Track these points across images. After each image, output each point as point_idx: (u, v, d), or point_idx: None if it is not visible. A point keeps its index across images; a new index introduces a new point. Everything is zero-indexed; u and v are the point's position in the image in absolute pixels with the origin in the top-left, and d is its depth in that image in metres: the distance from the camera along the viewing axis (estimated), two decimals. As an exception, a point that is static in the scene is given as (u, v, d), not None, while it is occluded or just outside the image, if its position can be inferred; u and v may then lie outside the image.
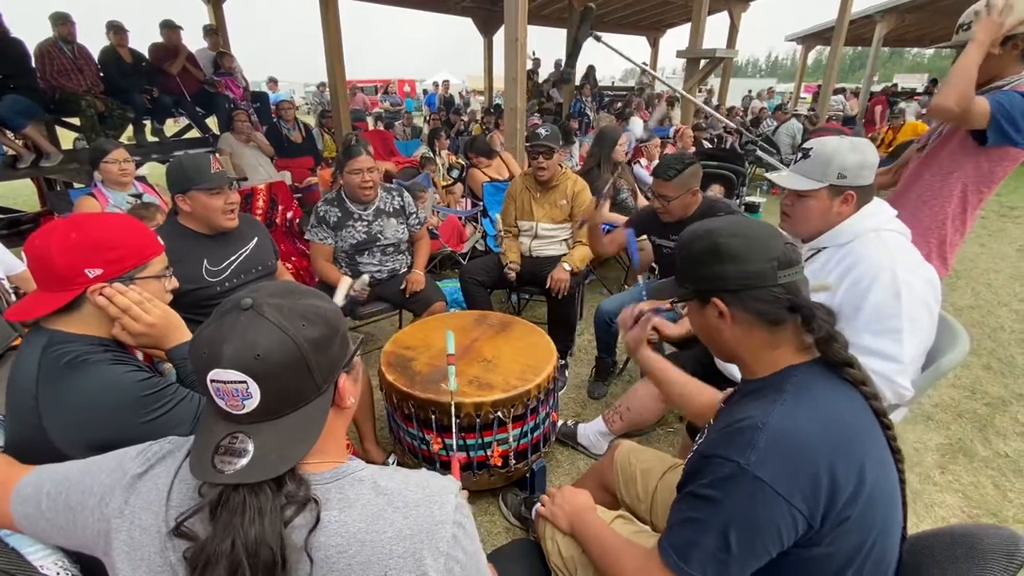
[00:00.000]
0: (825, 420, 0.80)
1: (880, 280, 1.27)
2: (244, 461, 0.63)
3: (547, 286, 2.66)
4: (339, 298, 1.68)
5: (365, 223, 2.55)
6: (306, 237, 2.60)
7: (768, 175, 1.64)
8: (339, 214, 2.53)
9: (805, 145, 1.48)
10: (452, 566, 0.69)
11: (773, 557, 0.80)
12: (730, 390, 1.08)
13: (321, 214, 2.53)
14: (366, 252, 2.60)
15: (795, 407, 0.81)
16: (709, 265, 0.89)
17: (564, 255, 2.80)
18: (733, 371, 1.67)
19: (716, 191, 4.22)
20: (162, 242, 1.19)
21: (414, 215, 2.70)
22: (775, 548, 0.78)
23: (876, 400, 0.86)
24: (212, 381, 0.64)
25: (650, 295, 1.04)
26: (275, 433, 0.66)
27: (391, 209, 2.63)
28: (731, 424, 0.83)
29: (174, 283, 1.21)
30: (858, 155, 1.38)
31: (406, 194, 2.71)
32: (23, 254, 1.07)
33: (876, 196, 1.44)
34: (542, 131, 2.77)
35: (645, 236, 2.55)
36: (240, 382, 0.63)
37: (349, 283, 1.71)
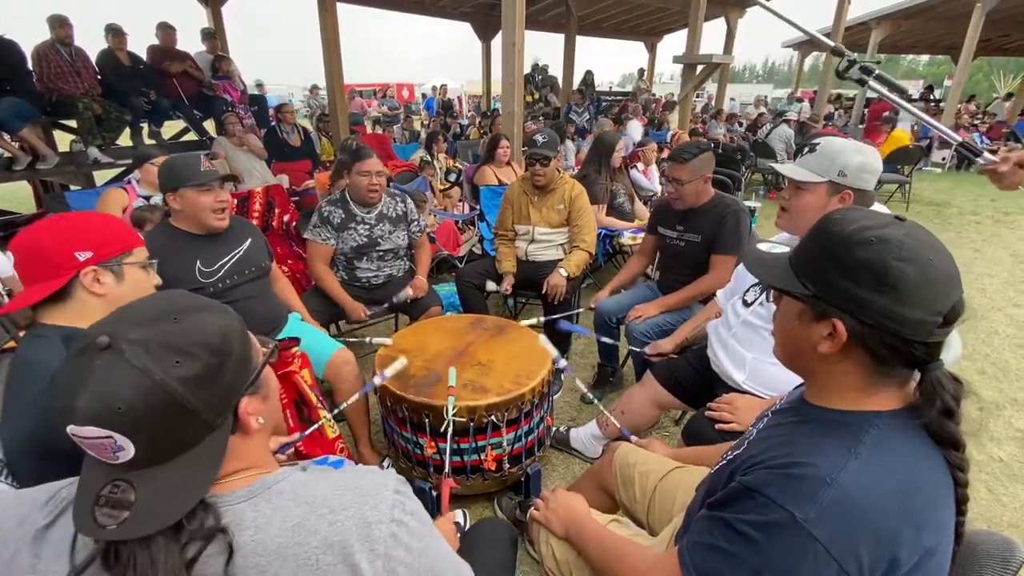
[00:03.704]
0: (901, 488, 0.69)
1: None
2: (127, 514, 0.57)
3: (543, 291, 2.66)
4: (390, 371, 1.75)
5: (367, 226, 2.55)
6: (306, 236, 2.57)
7: (773, 164, 1.67)
8: (342, 215, 2.52)
9: (814, 140, 1.50)
10: (395, 567, 0.65)
11: None
12: (779, 401, 0.94)
13: (325, 214, 2.52)
14: (365, 257, 2.59)
15: (871, 466, 0.69)
16: (860, 284, 0.69)
17: (560, 260, 2.81)
18: (732, 374, 1.67)
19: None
20: (155, 243, 1.20)
21: (415, 222, 2.71)
22: None
23: (964, 488, 0.73)
24: (73, 435, 0.56)
25: (748, 260, 0.87)
26: (162, 480, 0.59)
27: (394, 215, 2.62)
28: (789, 465, 0.72)
29: (157, 279, 1.19)
30: (861, 157, 1.41)
31: (409, 200, 2.72)
32: (10, 255, 1.07)
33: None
34: (539, 138, 2.76)
35: (650, 232, 2.58)
36: (105, 437, 0.55)
37: (404, 363, 1.80)
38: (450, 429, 1.63)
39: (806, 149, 1.49)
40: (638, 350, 2.20)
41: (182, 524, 0.59)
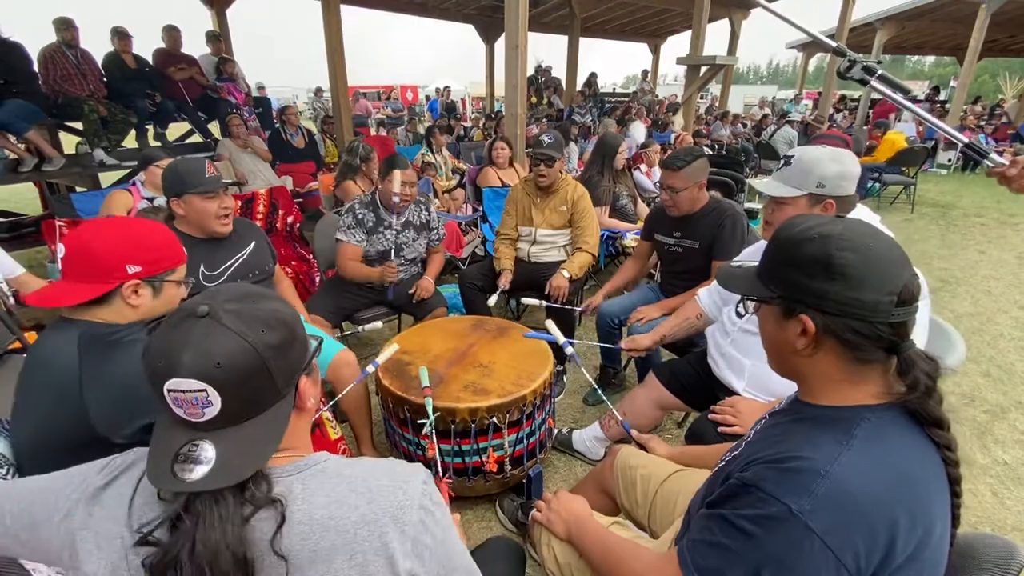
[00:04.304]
0: (896, 478, 0.71)
1: None
2: (206, 468, 0.63)
3: (546, 292, 2.65)
4: (381, 358, 1.78)
5: (394, 232, 2.59)
6: (338, 237, 2.58)
7: (750, 180, 1.67)
8: (374, 219, 2.57)
9: (787, 153, 1.50)
10: (421, 551, 0.70)
11: None
12: (776, 405, 0.96)
13: (359, 216, 2.56)
14: (385, 262, 2.62)
15: (863, 457, 0.71)
16: (812, 277, 0.75)
17: (563, 262, 2.80)
18: (732, 382, 1.67)
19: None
20: None
21: (435, 230, 2.74)
22: None
23: (955, 468, 0.76)
24: (169, 391, 0.63)
25: (719, 277, 0.94)
26: (237, 440, 0.66)
27: (418, 222, 2.67)
28: (784, 460, 0.74)
29: (185, 294, 1.23)
30: (838, 165, 1.40)
31: (432, 209, 2.76)
32: (62, 247, 1.09)
33: None
34: (545, 138, 2.74)
35: (645, 238, 2.58)
36: (200, 391, 0.63)
37: (396, 348, 1.84)
38: (432, 431, 1.64)
39: (782, 163, 1.48)
40: (613, 346, 2.19)
41: (246, 487, 0.65)
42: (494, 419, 1.73)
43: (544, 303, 2.52)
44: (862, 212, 1.45)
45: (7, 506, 0.76)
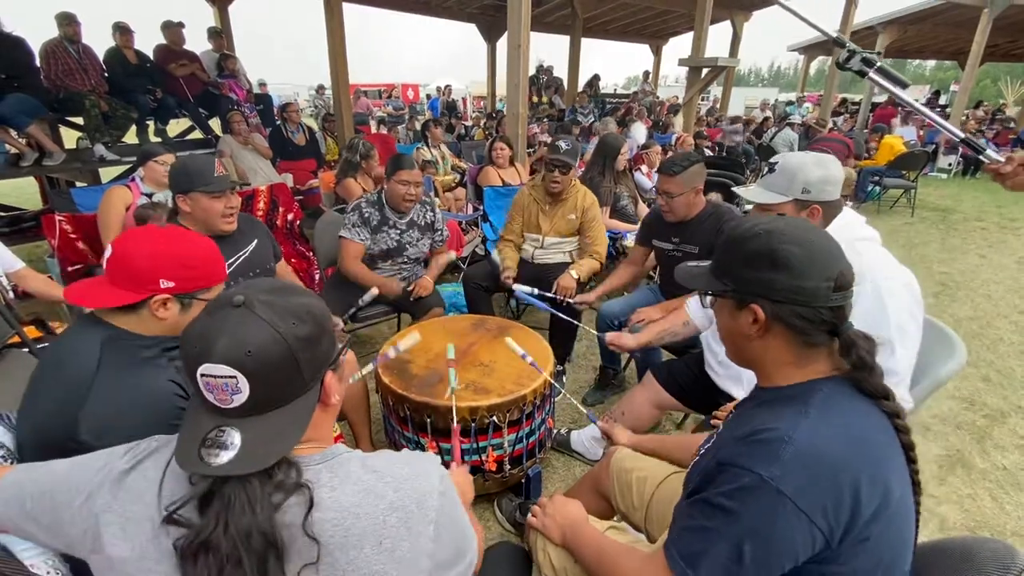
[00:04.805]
0: (851, 439, 0.77)
1: (862, 292, 1.25)
2: (231, 454, 0.65)
3: (553, 292, 2.64)
4: (404, 345, 1.71)
5: (398, 231, 2.59)
6: (342, 235, 2.57)
7: (735, 188, 1.66)
8: (379, 217, 2.56)
9: (772, 159, 1.49)
10: (440, 532, 0.74)
11: (785, 572, 0.77)
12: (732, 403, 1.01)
13: (365, 215, 2.55)
14: (389, 260, 2.62)
15: (820, 421, 0.77)
16: (759, 269, 0.83)
17: (571, 263, 2.78)
18: (732, 390, 1.67)
19: (715, 199, 4.22)
20: None
21: (440, 231, 2.73)
22: (789, 563, 0.76)
23: (906, 434, 0.82)
24: (202, 375, 0.65)
25: (679, 277, 0.99)
26: (262, 428, 0.68)
27: (423, 223, 2.66)
28: (752, 434, 0.79)
29: None
30: (822, 170, 1.40)
31: (438, 210, 2.75)
32: (110, 247, 1.09)
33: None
34: (562, 144, 2.69)
35: (642, 243, 2.56)
36: (230, 377, 0.65)
37: (418, 338, 1.78)
38: (454, 401, 1.63)
39: (766, 169, 1.48)
40: (599, 333, 2.16)
41: (273, 473, 0.67)
42: (494, 418, 1.73)
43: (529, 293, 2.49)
44: (848, 216, 1.45)
45: (28, 488, 0.77)
